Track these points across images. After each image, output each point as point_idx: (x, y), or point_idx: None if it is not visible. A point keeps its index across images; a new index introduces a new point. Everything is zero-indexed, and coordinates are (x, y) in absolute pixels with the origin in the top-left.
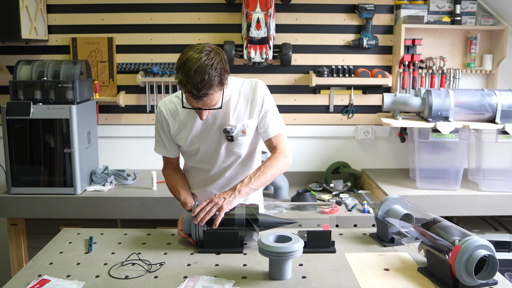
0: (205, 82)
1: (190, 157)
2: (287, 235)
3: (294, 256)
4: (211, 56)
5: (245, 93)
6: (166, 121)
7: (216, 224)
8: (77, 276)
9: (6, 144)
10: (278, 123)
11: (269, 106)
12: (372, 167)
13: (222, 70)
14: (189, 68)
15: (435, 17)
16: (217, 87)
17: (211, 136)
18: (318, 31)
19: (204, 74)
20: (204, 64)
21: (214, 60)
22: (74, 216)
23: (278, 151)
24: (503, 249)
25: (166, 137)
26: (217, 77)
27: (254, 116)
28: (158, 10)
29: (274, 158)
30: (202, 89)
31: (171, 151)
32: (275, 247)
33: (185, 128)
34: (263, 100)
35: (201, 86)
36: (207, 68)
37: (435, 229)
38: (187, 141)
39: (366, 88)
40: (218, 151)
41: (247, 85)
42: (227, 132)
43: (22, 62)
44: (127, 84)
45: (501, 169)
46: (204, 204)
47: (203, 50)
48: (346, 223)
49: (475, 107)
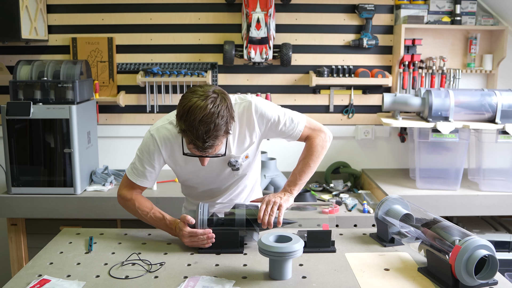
0: (211, 133)
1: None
2: (287, 235)
3: (294, 256)
4: (217, 103)
5: (240, 118)
6: (159, 150)
7: (280, 222)
8: (77, 276)
9: (6, 144)
10: (295, 121)
11: (275, 117)
12: (372, 167)
13: (228, 117)
14: (193, 118)
15: (435, 17)
16: (223, 137)
17: (213, 168)
18: (318, 31)
19: (210, 124)
20: (209, 112)
21: (221, 107)
22: (74, 216)
23: (311, 137)
24: (503, 249)
25: (151, 168)
26: (223, 126)
27: (255, 138)
28: (158, 10)
29: (310, 145)
30: (208, 141)
31: (151, 181)
32: (275, 247)
33: (182, 162)
34: (264, 117)
35: (206, 137)
36: (213, 118)
37: (435, 229)
38: (184, 170)
39: (366, 88)
40: (222, 177)
41: (240, 107)
42: (232, 165)
43: (22, 62)
44: (127, 84)
45: (501, 169)
46: (264, 207)
47: (208, 97)
48: (346, 223)
49: (475, 107)
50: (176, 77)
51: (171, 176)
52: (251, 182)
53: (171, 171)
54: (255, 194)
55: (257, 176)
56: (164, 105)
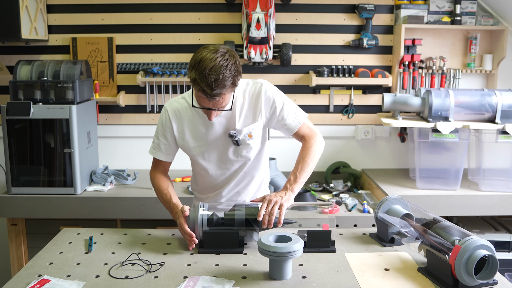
0: (219, 82)
1: (197, 161)
2: (287, 235)
3: (294, 256)
4: (226, 57)
5: (250, 96)
6: (170, 122)
7: (281, 221)
8: (77, 276)
9: (6, 144)
10: (297, 114)
11: (281, 103)
12: (372, 167)
13: (235, 71)
14: (204, 67)
15: (435, 17)
16: (229, 88)
17: (217, 140)
18: (318, 31)
19: (219, 74)
20: (219, 64)
21: (229, 61)
22: (74, 216)
23: (308, 137)
24: (503, 249)
25: (165, 140)
26: (230, 78)
27: (260, 119)
28: (158, 10)
29: (308, 145)
30: (216, 89)
31: (167, 154)
32: (275, 247)
33: (190, 131)
34: (270, 101)
35: (215, 85)
36: (221, 69)
37: (435, 229)
38: (191, 145)
39: (366, 88)
40: (226, 155)
41: (251, 87)
42: (231, 137)
43: (22, 62)
44: (127, 84)
45: (501, 169)
46: (265, 206)
47: (218, 51)
48: (346, 223)
49: (475, 107)
50: (176, 77)
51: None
52: (259, 176)
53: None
54: (262, 191)
55: (265, 174)
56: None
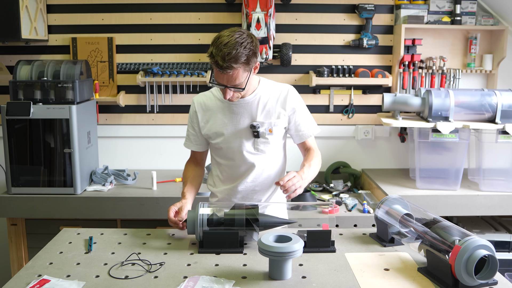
0: (232, 56)
1: (216, 150)
2: (287, 235)
3: (294, 256)
4: (243, 36)
5: (275, 94)
6: (196, 113)
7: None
8: (77, 276)
9: (6, 144)
10: (312, 125)
11: (301, 109)
12: (372, 167)
13: (251, 51)
14: (220, 42)
15: (435, 17)
16: (242, 64)
17: (238, 130)
18: (318, 31)
19: (233, 49)
20: (235, 40)
21: (245, 40)
22: (74, 216)
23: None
24: (503, 249)
25: (193, 130)
26: (244, 55)
27: (282, 117)
28: (158, 10)
29: (314, 154)
30: (228, 61)
31: (197, 144)
32: (275, 247)
33: (213, 119)
34: (294, 103)
35: (228, 58)
36: (236, 45)
37: (435, 229)
38: (213, 133)
39: (366, 88)
40: (243, 146)
41: (279, 87)
42: (253, 128)
43: (22, 62)
44: (127, 84)
45: (501, 169)
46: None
47: (236, 31)
48: (346, 223)
49: (475, 107)
50: (176, 77)
51: (171, 176)
52: (276, 177)
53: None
54: (278, 195)
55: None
56: (164, 105)
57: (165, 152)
